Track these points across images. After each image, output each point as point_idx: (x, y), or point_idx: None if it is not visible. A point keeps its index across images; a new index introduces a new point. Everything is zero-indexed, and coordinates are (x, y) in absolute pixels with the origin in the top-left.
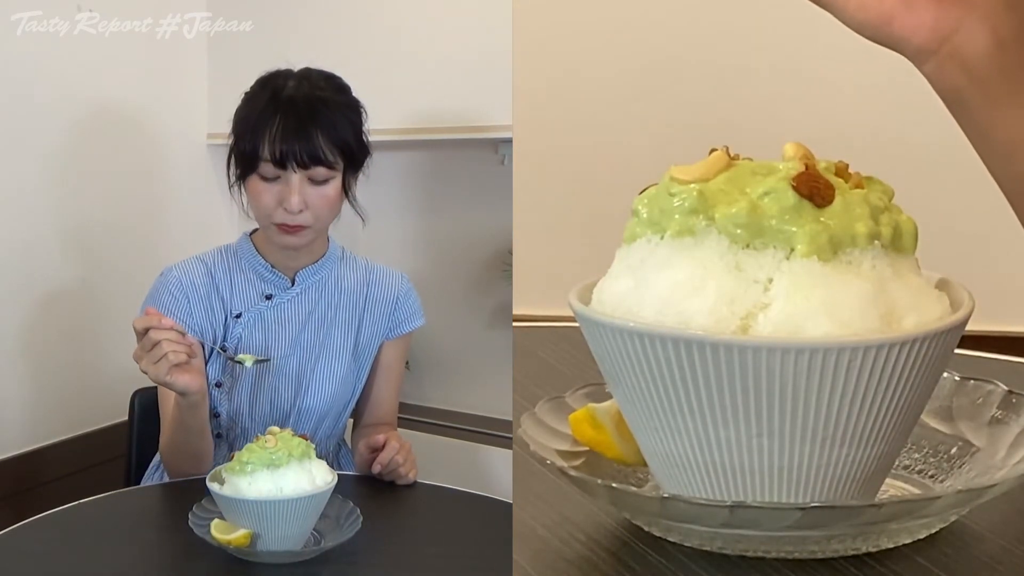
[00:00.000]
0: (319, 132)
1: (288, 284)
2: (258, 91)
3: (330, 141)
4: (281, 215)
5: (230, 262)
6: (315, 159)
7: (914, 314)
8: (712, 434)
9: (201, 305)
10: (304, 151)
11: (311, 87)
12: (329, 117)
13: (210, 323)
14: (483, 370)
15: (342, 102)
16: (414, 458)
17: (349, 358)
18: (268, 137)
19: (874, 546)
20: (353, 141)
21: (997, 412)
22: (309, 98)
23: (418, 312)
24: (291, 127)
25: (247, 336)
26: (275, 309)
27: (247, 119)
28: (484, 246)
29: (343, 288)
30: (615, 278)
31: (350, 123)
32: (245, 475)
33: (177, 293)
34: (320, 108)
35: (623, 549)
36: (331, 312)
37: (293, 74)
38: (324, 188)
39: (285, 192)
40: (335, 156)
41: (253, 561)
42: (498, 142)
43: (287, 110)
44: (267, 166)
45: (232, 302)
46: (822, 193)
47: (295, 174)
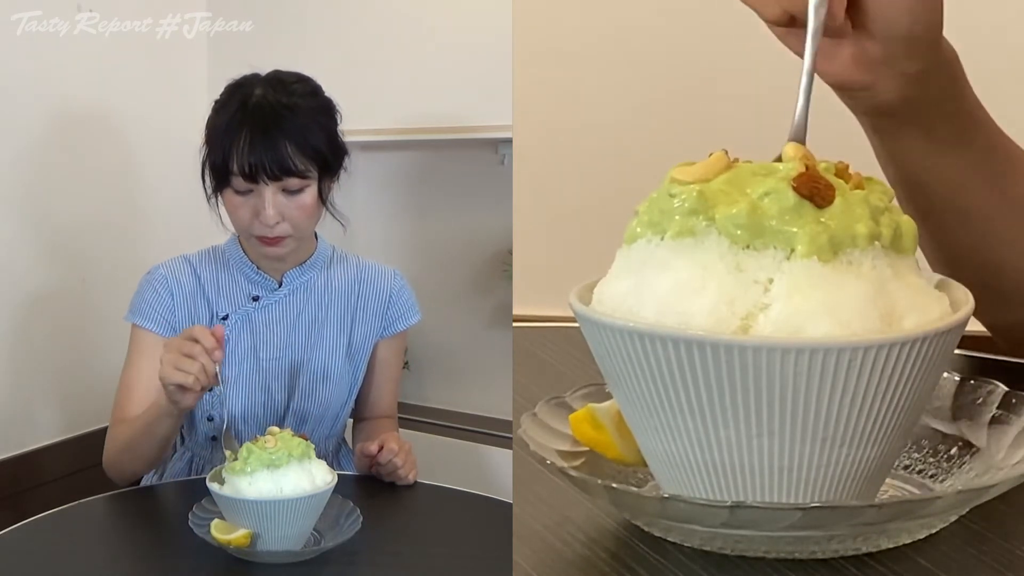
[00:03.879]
0: (288, 142)
1: (275, 286)
2: (226, 100)
3: (300, 150)
4: (259, 228)
5: (217, 263)
6: (285, 170)
7: (914, 314)
8: (712, 434)
9: (185, 303)
10: (273, 162)
11: (279, 93)
12: (298, 124)
13: (192, 322)
14: (483, 370)
15: (312, 107)
16: (414, 459)
17: (343, 359)
18: (237, 150)
19: (874, 546)
20: (325, 146)
21: (997, 412)
22: (276, 106)
23: (412, 308)
24: (258, 138)
25: (235, 338)
26: (262, 311)
27: (216, 130)
28: (484, 246)
29: (333, 288)
30: (615, 278)
31: (321, 128)
32: (245, 475)
33: (161, 290)
34: (288, 116)
35: (623, 549)
36: (321, 313)
37: (261, 79)
38: (299, 197)
39: (259, 205)
40: (307, 164)
41: (253, 561)
42: (498, 142)
43: (254, 121)
44: (238, 180)
45: (218, 303)
46: (822, 194)
47: (267, 186)
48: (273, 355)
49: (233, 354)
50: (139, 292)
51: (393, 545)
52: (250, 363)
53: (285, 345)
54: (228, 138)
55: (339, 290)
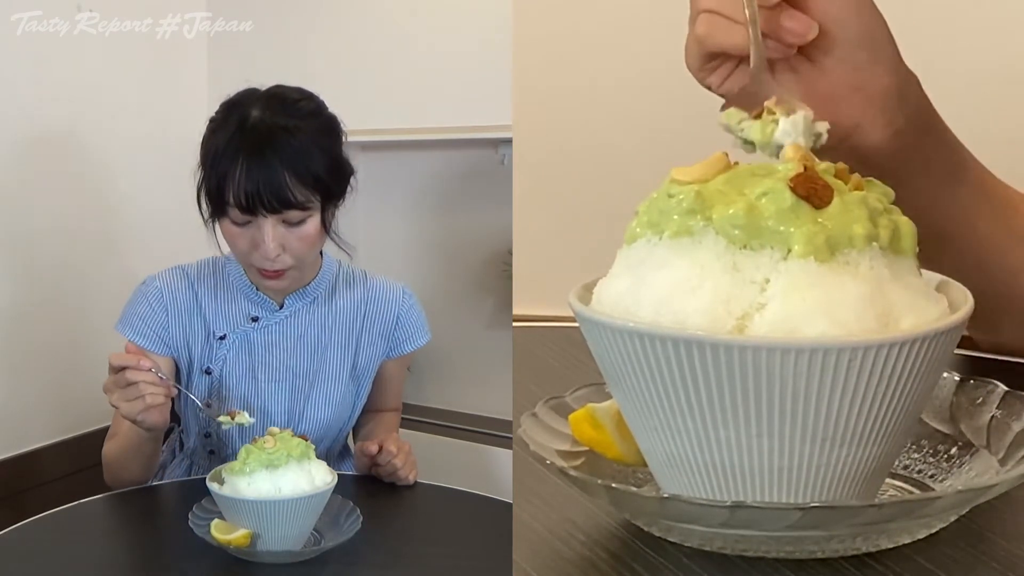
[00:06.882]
0: (288, 172)
1: (276, 307)
2: (223, 120)
3: (300, 180)
4: (258, 259)
5: (216, 278)
6: (285, 203)
7: (912, 315)
8: (712, 434)
9: (180, 321)
10: (272, 195)
11: (277, 114)
12: (298, 150)
13: (187, 341)
14: (483, 370)
15: (314, 129)
16: (414, 459)
17: (347, 381)
18: (233, 180)
19: (874, 546)
20: (328, 173)
21: (997, 412)
22: (274, 129)
23: (421, 330)
24: (256, 167)
25: (232, 359)
26: (262, 332)
27: (212, 154)
28: (484, 246)
29: (338, 309)
30: (615, 278)
31: (323, 152)
32: (244, 475)
33: (156, 305)
34: (287, 141)
35: (623, 549)
36: (324, 336)
37: (260, 96)
38: (301, 228)
39: (259, 236)
40: (308, 195)
41: (253, 561)
42: (498, 142)
43: (251, 146)
44: (235, 211)
45: (215, 322)
46: (820, 194)
47: (267, 219)
48: (272, 378)
49: (230, 375)
50: (132, 303)
51: (393, 545)
52: (247, 385)
53: (285, 368)
54: (224, 165)
55: (344, 311)
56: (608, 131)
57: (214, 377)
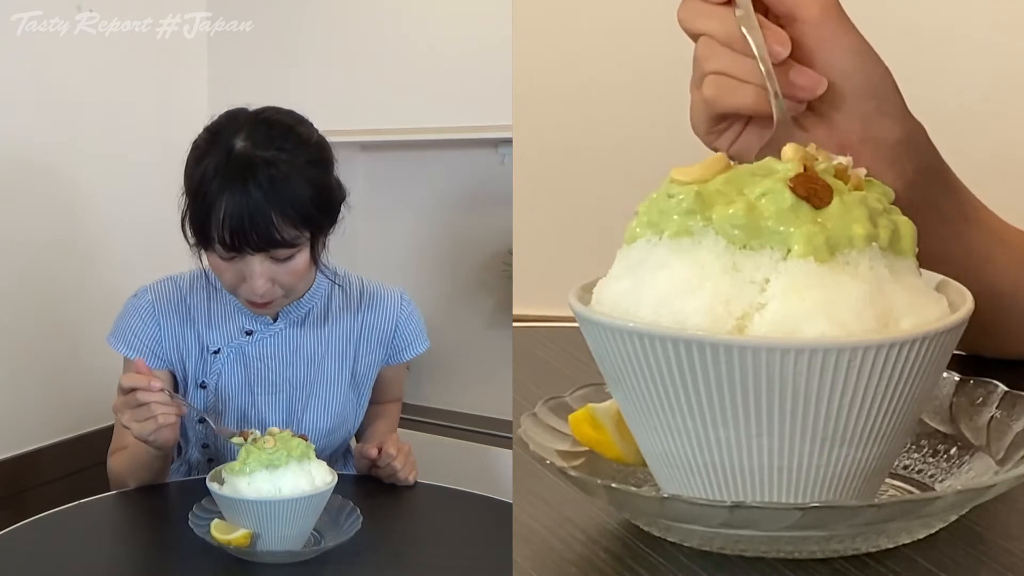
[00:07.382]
0: (275, 211)
1: (269, 320)
2: (207, 148)
3: (287, 218)
4: (246, 292)
5: (209, 290)
6: (272, 243)
7: (911, 315)
8: (712, 434)
9: (172, 335)
10: (259, 236)
11: (260, 145)
12: (286, 187)
13: (180, 355)
14: (483, 370)
15: (302, 161)
16: (414, 460)
17: (345, 391)
18: (216, 216)
19: (874, 546)
20: (316, 208)
21: (997, 412)
22: (260, 163)
23: (420, 337)
24: (241, 204)
25: (227, 373)
26: (257, 344)
27: (194, 184)
28: (484, 246)
29: (333, 319)
30: (614, 278)
31: (311, 184)
32: (244, 475)
33: (148, 319)
34: (272, 176)
35: (623, 549)
36: (321, 346)
37: (246, 121)
38: (290, 263)
39: (246, 271)
40: (296, 232)
41: (253, 561)
42: (498, 142)
43: (235, 180)
44: (221, 248)
45: (208, 335)
46: (819, 194)
47: (255, 256)
48: (269, 390)
49: (226, 389)
50: (124, 317)
51: (393, 545)
52: (244, 399)
53: (282, 380)
54: (208, 199)
55: (340, 321)
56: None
57: (209, 391)
